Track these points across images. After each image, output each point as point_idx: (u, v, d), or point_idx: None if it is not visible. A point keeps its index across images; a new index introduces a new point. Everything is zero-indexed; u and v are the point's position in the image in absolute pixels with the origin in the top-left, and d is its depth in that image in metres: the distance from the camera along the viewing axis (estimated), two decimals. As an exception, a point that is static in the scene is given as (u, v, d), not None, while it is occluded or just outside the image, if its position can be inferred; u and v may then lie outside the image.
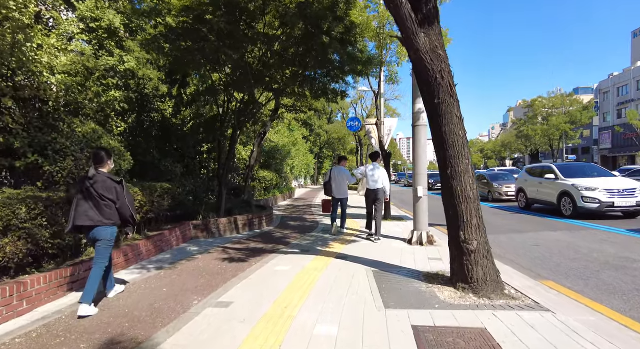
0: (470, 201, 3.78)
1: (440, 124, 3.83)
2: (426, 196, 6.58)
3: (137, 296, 3.86)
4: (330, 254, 5.63)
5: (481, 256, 3.73)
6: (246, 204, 9.81)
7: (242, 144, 15.76)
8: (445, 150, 3.83)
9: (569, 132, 44.29)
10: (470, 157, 3.91)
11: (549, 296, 3.67)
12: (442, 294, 3.72)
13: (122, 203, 3.53)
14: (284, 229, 8.68)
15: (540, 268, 5.10)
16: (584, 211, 9.36)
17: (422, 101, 4.02)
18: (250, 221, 8.21)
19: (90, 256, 4.26)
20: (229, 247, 6.30)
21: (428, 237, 6.45)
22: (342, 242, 6.73)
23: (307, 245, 6.49)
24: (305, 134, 37.20)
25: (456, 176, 3.80)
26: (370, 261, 5.22)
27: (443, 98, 3.79)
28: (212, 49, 5.62)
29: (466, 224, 3.76)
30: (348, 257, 5.44)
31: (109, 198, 3.45)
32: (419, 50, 3.76)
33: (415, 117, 6.55)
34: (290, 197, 19.96)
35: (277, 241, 6.92)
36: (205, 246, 6.44)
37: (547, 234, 7.58)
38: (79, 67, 5.16)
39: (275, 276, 4.45)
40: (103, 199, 3.43)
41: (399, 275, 4.48)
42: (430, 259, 5.31)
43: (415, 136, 6.56)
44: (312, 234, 7.77)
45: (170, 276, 4.55)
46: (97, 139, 4.98)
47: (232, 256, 5.69)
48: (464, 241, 3.75)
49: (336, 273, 4.54)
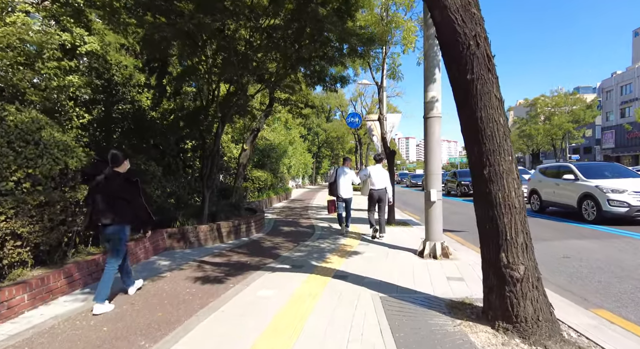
0: (515, 211, 2.80)
1: (474, 108, 2.85)
2: (440, 200, 5.60)
3: (62, 339, 2.86)
4: (327, 272, 4.64)
5: (530, 286, 2.75)
6: (234, 208, 8.81)
7: (234, 142, 14.77)
8: (481, 143, 2.85)
9: (572, 131, 43.42)
10: (514, 154, 2.93)
11: (627, 342, 2.69)
12: (477, 338, 2.74)
13: (138, 202, 3.63)
14: (275, 236, 7.68)
15: (584, 289, 4.14)
16: (610, 215, 8.39)
17: (450, 79, 3.04)
18: (237, 228, 7.21)
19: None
20: (207, 262, 5.31)
21: (443, 249, 5.47)
22: (342, 254, 5.75)
23: (300, 258, 5.51)
24: (303, 132, 36.22)
25: (496, 177, 2.82)
26: (376, 281, 4.24)
27: (478, 73, 2.81)
28: (186, 19, 4.61)
29: (510, 242, 2.78)
30: (349, 276, 4.46)
31: (124, 197, 3.55)
32: (447, 8, 2.78)
33: (428, 107, 5.57)
34: (286, 198, 18.97)
35: (265, 253, 5.93)
36: (179, 259, 5.44)
37: (574, 243, 6.62)
38: (12, 40, 4.16)
39: (256, 307, 3.46)
40: (118, 199, 3.52)
41: (415, 304, 3.50)
42: (449, 279, 4.33)
43: (428, 130, 5.58)
44: (307, 242, 6.78)
45: (122, 306, 3.55)
46: (36, 130, 3.98)
47: (208, 273, 4.70)
48: (507, 265, 2.77)
49: (334, 302, 3.55)
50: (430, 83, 5.51)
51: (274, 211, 13.02)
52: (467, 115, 2.95)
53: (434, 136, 5.55)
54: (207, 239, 6.56)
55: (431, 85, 5.52)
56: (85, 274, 4.04)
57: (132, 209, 3.58)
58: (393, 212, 9.11)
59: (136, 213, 3.62)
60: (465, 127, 3.01)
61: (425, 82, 5.63)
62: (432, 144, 5.59)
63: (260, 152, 16.87)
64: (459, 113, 3.07)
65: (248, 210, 9.74)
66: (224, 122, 7.20)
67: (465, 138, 3.03)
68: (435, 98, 5.51)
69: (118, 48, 7.78)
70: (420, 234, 7.67)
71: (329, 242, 6.80)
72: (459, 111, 3.07)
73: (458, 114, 3.09)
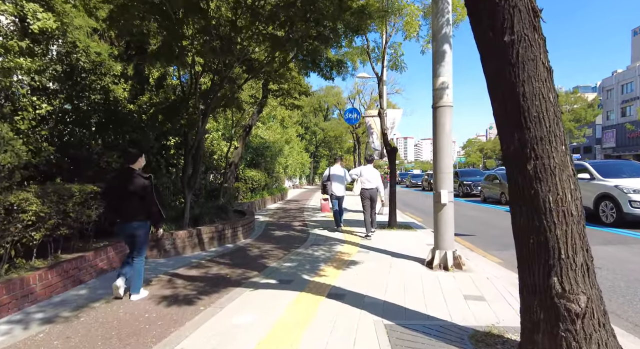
0: (572, 220, 2.05)
1: (515, 81, 2.11)
2: (451, 202, 4.85)
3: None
4: (320, 289, 3.88)
5: (596, 324, 2.00)
6: (221, 210, 8.03)
7: (225, 139, 13.98)
8: (524, 128, 2.11)
9: (573, 130, 42.85)
10: (567, 142, 2.19)
11: None
12: (521, 395, 1.99)
13: (149, 200, 3.66)
14: (264, 241, 6.92)
15: (630, 309, 3.41)
16: (632, 218, 7.68)
17: (479, 45, 2.29)
18: (221, 233, 6.43)
19: None
20: (179, 275, 4.54)
21: (455, 258, 4.73)
22: (338, 264, 4.99)
23: (290, 270, 4.75)
24: (301, 131, 35.46)
25: (545, 174, 2.07)
26: (379, 302, 3.49)
27: (520, 33, 2.07)
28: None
29: (565, 263, 2.03)
30: (346, 294, 3.70)
31: (138, 194, 3.61)
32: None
33: (437, 95, 4.82)
34: (281, 199, 18.19)
35: (249, 263, 5.16)
36: (148, 272, 4.67)
37: (600, 250, 5.88)
38: None
39: (228, 341, 2.69)
40: (133, 196, 3.60)
41: (429, 335, 2.75)
42: (467, 298, 3.58)
43: (438, 121, 4.83)
44: (299, 250, 6.02)
45: (53, 341, 2.77)
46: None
47: (177, 291, 3.93)
48: (562, 294, 2.03)
49: (327, 333, 2.79)
50: (441, 67, 4.77)
51: (267, 213, 12.25)
52: (502, 90, 2.20)
53: (444, 128, 4.80)
54: (186, 246, 5.79)
55: (441, 70, 4.78)
56: (20, 295, 3.26)
57: (146, 206, 3.65)
58: (395, 215, 8.37)
59: (149, 209, 3.67)
60: (499, 108, 2.26)
61: (435, 66, 4.88)
62: (442, 138, 4.84)
63: (254, 150, 16.08)
64: (491, 90, 2.33)
65: (237, 212, 8.97)
66: (206, 115, 6.43)
67: (500, 123, 2.28)
68: (446, 84, 4.76)
69: (90, 33, 6.99)
70: (425, 239, 6.94)
71: (324, 249, 6.05)
72: (490, 87, 2.33)
73: (489, 91, 2.34)
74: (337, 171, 8.19)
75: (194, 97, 6.61)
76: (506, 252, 6.05)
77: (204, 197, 10.06)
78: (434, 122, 4.91)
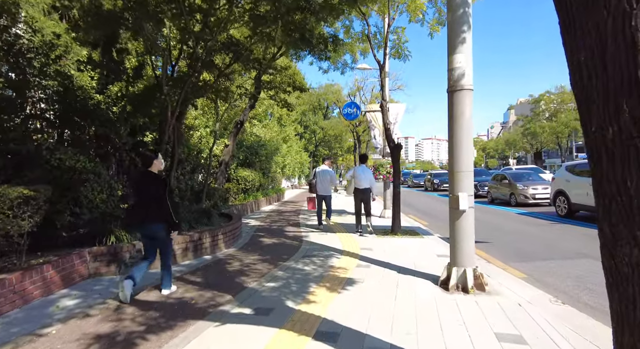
0: None
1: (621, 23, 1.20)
2: (472, 208, 3.94)
3: None
4: (306, 324, 2.98)
5: None
6: (204, 214, 7.13)
7: (215, 137, 13.06)
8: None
9: (578, 129, 41.87)
10: None
11: None
12: None
13: (163, 202, 3.60)
14: (249, 252, 6.01)
15: None
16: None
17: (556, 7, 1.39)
18: (196, 243, 5.52)
19: None
20: (133, 301, 3.62)
21: (475, 278, 3.83)
22: (332, 284, 4.08)
23: (273, 292, 3.84)
24: (299, 130, 34.54)
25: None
26: (385, 346, 2.58)
27: None
28: None
29: None
30: (340, 334, 2.79)
31: (154, 196, 3.60)
32: None
33: (454, 76, 3.90)
34: (277, 200, 17.28)
35: (224, 282, 4.25)
36: (95, 295, 3.76)
37: None
38: None
39: None
40: (150, 198, 3.60)
41: None
42: (501, 340, 2.67)
43: (455, 108, 3.91)
44: (287, 263, 5.11)
45: None
46: None
47: (121, 325, 3.02)
48: None
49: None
50: (458, 41, 3.85)
51: (260, 216, 11.34)
52: (601, 31, 1.29)
53: (463, 116, 3.88)
54: (153, 259, 4.87)
55: (459, 45, 3.86)
56: None
57: (163, 209, 3.59)
58: (399, 220, 7.47)
59: (165, 212, 3.60)
60: (590, 65, 1.35)
61: (450, 42, 3.96)
62: (461, 129, 3.92)
63: (248, 149, 15.16)
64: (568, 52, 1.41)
65: (224, 216, 8.07)
66: (182, 104, 5.53)
67: (587, 94, 1.37)
68: (466, 62, 3.85)
69: (49, 11, 6.10)
70: (434, 248, 6.05)
71: (317, 262, 5.14)
72: (568, 50, 1.41)
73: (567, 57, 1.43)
74: (323, 171, 8.33)
75: (169, 84, 5.72)
76: (528, 264, 5.19)
77: (189, 200, 9.17)
78: (449, 110, 3.99)
